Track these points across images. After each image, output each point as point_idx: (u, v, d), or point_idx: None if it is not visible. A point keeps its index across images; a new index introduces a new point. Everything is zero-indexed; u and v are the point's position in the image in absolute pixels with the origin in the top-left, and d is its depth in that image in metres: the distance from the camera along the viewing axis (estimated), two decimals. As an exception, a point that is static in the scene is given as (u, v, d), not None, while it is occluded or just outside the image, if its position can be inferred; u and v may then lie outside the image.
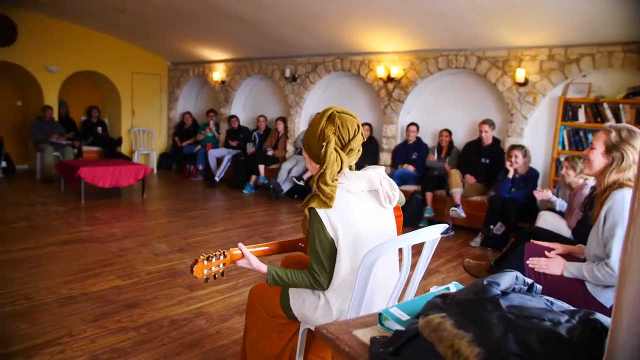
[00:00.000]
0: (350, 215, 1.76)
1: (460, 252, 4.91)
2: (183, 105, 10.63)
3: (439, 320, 1.02)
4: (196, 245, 4.64)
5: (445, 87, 6.71)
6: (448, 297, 1.23)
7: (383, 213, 1.86)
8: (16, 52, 8.22)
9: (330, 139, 1.75)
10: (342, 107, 1.84)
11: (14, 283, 3.42)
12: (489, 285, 1.18)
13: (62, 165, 6.91)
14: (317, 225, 1.74)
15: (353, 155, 1.82)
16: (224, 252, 1.89)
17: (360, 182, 1.81)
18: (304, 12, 6.12)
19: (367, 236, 1.78)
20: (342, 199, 1.77)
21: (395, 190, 1.87)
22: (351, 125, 1.78)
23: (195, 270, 1.83)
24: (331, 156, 1.74)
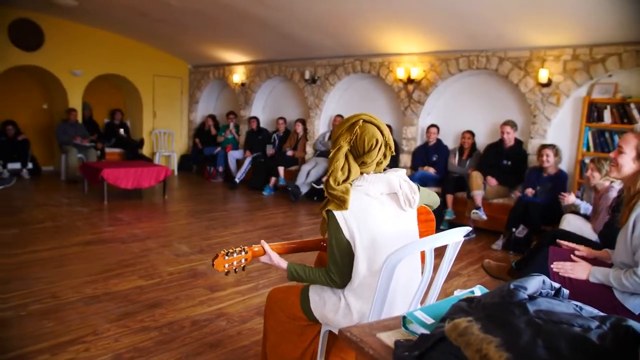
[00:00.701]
0: (367, 218, 1.76)
1: (482, 255, 4.84)
2: (203, 107, 10.74)
3: (465, 324, 1.01)
4: (216, 246, 4.67)
5: (466, 88, 6.64)
6: (473, 301, 1.21)
7: (404, 216, 1.85)
8: (43, 56, 8.41)
9: (341, 146, 1.78)
10: (373, 116, 1.82)
11: (41, 282, 3.50)
12: (515, 289, 1.16)
13: (85, 167, 7.04)
14: (334, 227, 1.77)
15: (368, 167, 1.83)
16: (244, 248, 1.97)
17: (379, 185, 1.81)
18: (324, 14, 6.12)
19: (386, 238, 1.78)
20: (360, 201, 1.77)
21: (416, 193, 1.85)
22: (369, 139, 1.77)
23: (216, 264, 1.91)
24: (337, 163, 1.77)
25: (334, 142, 1.82)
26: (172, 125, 10.57)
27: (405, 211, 1.84)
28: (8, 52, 7.99)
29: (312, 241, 2.16)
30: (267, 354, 2.09)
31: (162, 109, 10.39)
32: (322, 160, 7.56)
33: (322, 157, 7.64)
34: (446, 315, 1.18)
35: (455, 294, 1.60)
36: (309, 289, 1.96)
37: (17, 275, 3.62)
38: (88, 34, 8.89)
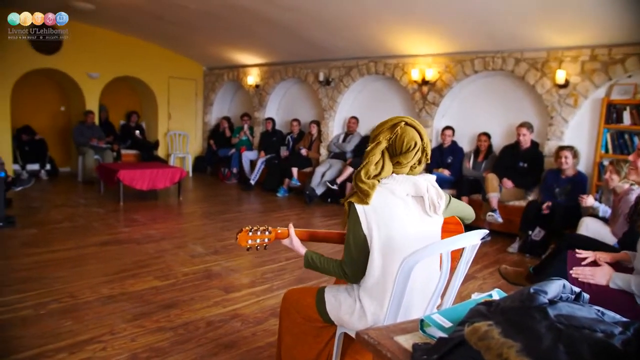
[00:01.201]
0: (387, 216, 1.76)
1: (497, 258, 4.80)
2: (218, 109, 10.81)
3: (485, 328, 1.00)
4: (231, 247, 4.69)
5: (482, 89, 6.58)
6: (492, 305, 1.20)
7: (427, 221, 1.83)
8: (61, 59, 8.54)
9: (380, 142, 1.79)
10: (416, 121, 1.84)
11: (59, 281, 3.55)
12: (535, 294, 1.14)
13: (102, 168, 7.13)
14: (353, 220, 1.79)
15: (401, 168, 1.83)
16: (268, 228, 2.05)
17: (405, 186, 1.80)
18: (338, 16, 6.12)
19: (404, 239, 1.77)
20: (384, 198, 1.78)
21: (442, 198, 1.84)
22: (408, 140, 1.79)
23: (239, 238, 2.01)
24: (372, 157, 1.79)
25: (373, 138, 1.83)
26: (186, 127, 10.65)
27: (430, 217, 1.83)
28: (28, 55, 8.13)
29: (336, 233, 2.18)
30: (281, 356, 2.09)
31: (177, 110, 10.48)
32: (336, 162, 7.56)
33: (336, 159, 7.64)
34: (465, 319, 1.17)
35: (473, 297, 1.59)
36: (325, 291, 1.97)
37: (37, 274, 3.68)
38: (105, 37, 9.00)
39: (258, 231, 2.04)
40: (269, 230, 2.06)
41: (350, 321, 1.85)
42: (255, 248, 2.05)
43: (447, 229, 2.06)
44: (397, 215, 1.77)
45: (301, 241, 2.08)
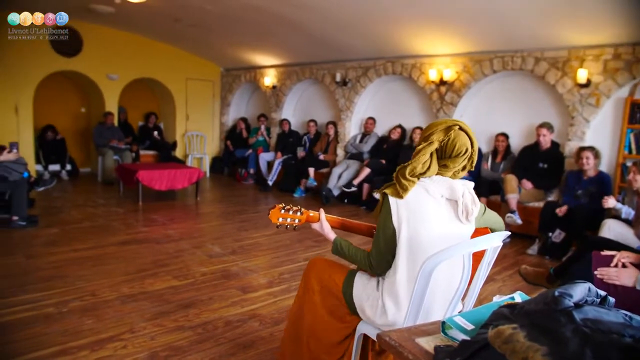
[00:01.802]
0: (418, 213, 1.77)
1: (517, 260, 4.74)
2: (235, 110, 10.88)
3: (510, 331, 0.99)
4: (248, 247, 4.71)
5: (500, 89, 6.51)
6: (516, 308, 1.18)
7: (458, 226, 1.82)
8: (81, 61, 8.68)
9: (432, 142, 1.80)
10: (468, 127, 1.86)
11: (81, 280, 3.60)
12: (560, 297, 1.12)
13: (121, 169, 7.22)
14: (385, 211, 1.80)
15: (447, 171, 1.84)
16: (300, 209, 2.10)
17: (440, 187, 1.81)
18: (355, 16, 6.12)
19: (430, 239, 1.76)
20: (417, 195, 1.78)
21: (476, 205, 1.83)
22: (459, 146, 1.80)
23: (271, 214, 2.07)
24: (422, 156, 1.79)
25: (425, 137, 1.83)
26: (204, 128, 10.74)
27: (461, 222, 1.81)
28: (50, 58, 8.29)
29: (366, 225, 2.20)
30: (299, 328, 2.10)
31: (195, 111, 10.57)
32: (353, 162, 7.55)
33: (353, 160, 7.62)
34: (488, 322, 1.16)
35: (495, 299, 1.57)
36: (357, 274, 1.97)
37: (59, 273, 3.74)
38: (124, 39, 9.13)
39: (290, 210, 2.09)
40: (301, 211, 2.10)
41: (372, 314, 1.86)
42: (285, 226, 2.09)
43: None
44: (427, 214, 1.77)
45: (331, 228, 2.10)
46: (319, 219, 2.09)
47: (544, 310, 1.09)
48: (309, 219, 2.11)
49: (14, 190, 4.98)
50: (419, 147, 1.82)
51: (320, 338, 2.03)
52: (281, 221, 2.08)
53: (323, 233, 2.08)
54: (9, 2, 7.05)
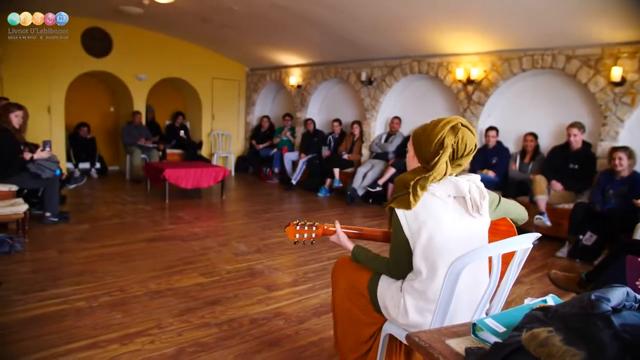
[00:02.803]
0: (429, 218, 1.76)
1: (545, 263, 4.64)
2: (260, 109, 10.95)
3: (546, 334, 0.96)
4: (273, 246, 4.73)
5: (530, 88, 6.38)
6: (549, 311, 1.15)
7: (471, 222, 1.81)
8: (111, 62, 8.88)
9: (447, 149, 1.77)
10: (467, 121, 1.85)
11: (110, 275, 3.68)
12: (597, 301, 1.09)
13: (149, 167, 7.35)
14: (396, 224, 1.81)
15: (458, 169, 1.86)
16: (315, 223, 2.12)
17: (446, 187, 1.80)
18: (381, 15, 6.08)
19: (446, 240, 1.76)
20: (425, 201, 1.78)
21: (485, 198, 1.81)
22: (469, 143, 1.80)
23: (288, 231, 2.11)
24: (441, 165, 1.78)
25: (437, 143, 1.78)
26: (229, 127, 10.84)
27: (473, 217, 1.80)
28: (81, 58, 8.50)
29: (381, 232, 2.21)
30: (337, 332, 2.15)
31: (220, 111, 10.68)
32: (378, 162, 7.51)
33: (378, 159, 7.58)
34: (521, 325, 1.14)
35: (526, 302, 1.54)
36: (382, 274, 1.97)
37: (89, 268, 3.83)
38: (152, 40, 9.29)
39: (305, 225, 2.11)
40: (315, 225, 2.12)
41: (395, 314, 1.86)
42: (302, 242, 2.12)
43: (498, 231, 2.02)
44: (437, 216, 1.76)
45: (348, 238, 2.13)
46: (335, 231, 2.11)
47: (580, 314, 1.06)
48: (325, 232, 2.14)
49: (47, 187, 5.12)
50: (436, 158, 1.77)
51: (347, 334, 2.04)
52: (298, 237, 2.11)
53: (340, 244, 2.11)
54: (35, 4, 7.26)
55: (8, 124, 4.88)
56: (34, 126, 6.53)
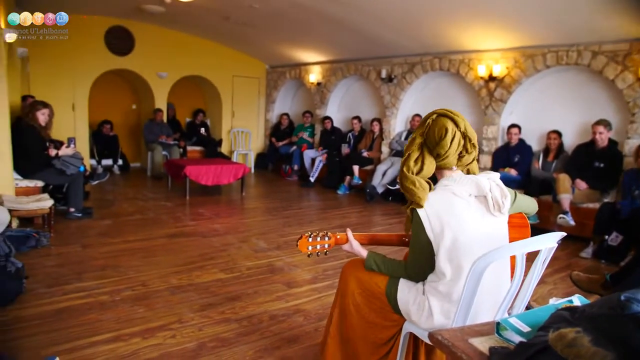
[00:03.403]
0: (452, 218, 1.74)
1: (569, 263, 4.55)
2: (280, 106, 10.98)
3: (574, 335, 0.94)
4: (293, 243, 4.74)
5: (553, 85, 6.25)
6: (576, 311, 1.13)
7: (492, 220, 1.80)
8: (133, 60, 9.00)
9: (414, 137, 1.84)
10: (451, 110, 1.83)
11: (133, 270, 3.74)
12: (628, 302, 1.06)
13: (170, 164, 7.43)
14: (417, 225, 1.79)
15: (444, 160, 1.82)
16: (327, 233, 2.09)
17: (467, 186, 1.79)
18: (401, 12, 6.03)
19: (470, 240, 1.74)
20: (445, 200, 1.77)
21: (506, 197, 1.80)
22: (439, 129, 1.79)
23: (300, 245, 2.06)
24: (411, 152, 1.83)
25: (410, 137, 1.88)
26: (249, 125, 10.90)
27: (494, 216, 1.79)
28: (104, 57, 8.64)
29: (396, 235, 2.19)
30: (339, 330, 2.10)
31: (240, 108, 10.74)
32: (397, 160, 7.46)
33: (398, 157, 7.54)
34: (547, 324, 1.12)
35: (551, 302, 1.51)
36: (401, 277, 1.94)
37: (112, 263, 3.89)
38: (173, 38, 9.38)
39: (317, 237, 2.08)
40: (327, 235, 2.09)
41: (417, 318, 1.84)
42: (316, 254, 2.10)
43: (511, 224, 2.01)
44: (460, 216, 1.75)
45: (361, 244, 2.10)
46: (347, 239, 2.09)
47: (610, 315, 1.03)
48: (337, 242, 2.11)
49: (71, 183, 5.22)
50: (405, 148, 1.87)
51: (367, 337, 2.02)
52: (311, 249, 2.08)
53: (354, 252, 2.08)
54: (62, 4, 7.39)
55: (34, 122, 4.99)
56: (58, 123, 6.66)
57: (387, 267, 1.95)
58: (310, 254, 2.09)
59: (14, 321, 2.78)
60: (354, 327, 2.05)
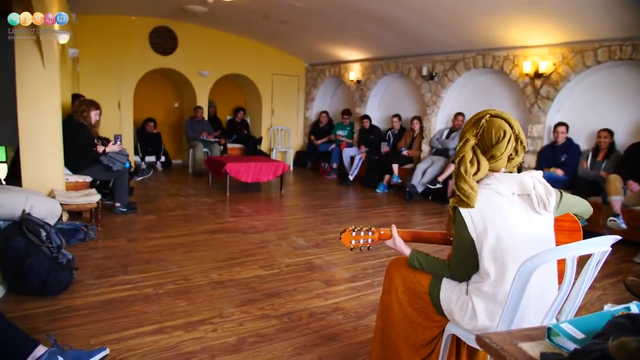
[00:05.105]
0: (495, 217, 1.70)
1: (620, 268, 4.35)
2: (319, 104, 10.99)
3: (636, 344, 0.89)
4: (332, 241, 4.74)
5: (605, 81, 5.99)
6: (637, 319, 1.07)
7: (537, 219, 1.74)
8: (176, 59, 9.22)
9: (468, 139, 1.78)
10: (501, 111, 1.80)
11: (175, 264, 3.83)
12: (693, 310, 1.00)
13: (211, 161, 7.57)
14: (459, 224, 1.76)
15: (497, 161, 1.78)
16: (371, 228, 2.09)
17: (510, 185, 1.75)
18: (444, 8, 5.92)
19: (514, 240, 1.69)
20: (488, 199, 1.73)
21: (551, 194, 1.75)
22: (496, 131, 1.75)
23: (343, 238, 2.08)
24: (466, 156, 1.76)
25: (460, 137, 1.84)
26: (288, 123, 10.97)
27: (539, 214, 1.74)
28: (149, 56, 8.89)
29: (440, 234, 2.16)
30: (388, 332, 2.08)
31: (280, 106, 10.83)
32: (438, 159, 7.34)
33: (438, 156, 7.41)
34: (604, 332, 1.07)
35: (606, 309, 1.45)
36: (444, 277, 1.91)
37: (155, 257, 4.00)
38: (214, 37, 9.54)
39: (361, 231, 2.08)
40: (372, 230, 2.09)
41: (460, 318, 1.81)
42: (359, 248, 2.10)
43: (562, 227, 1.93)
44: (504, 215, 1.71)
45: (404, 242, 2.08)
46: (391, 235, 2.08)
47: (674, 323, 0.98)
48: (381, 237, 2.10)
49: (117, 179, 5.39)
50: (457, 148, 1.80)
51: (408, 337, 1.99)
52: (354, 243, 2.08)
53: (397, 249, 2.07)
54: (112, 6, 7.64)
55: (85, 119, 5.18)
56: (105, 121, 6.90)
57: (430, 266, 1.93)
58: (353, 248, 2.09)
59: (65, 310, 2.90)
60: (396, 326, 2.03)
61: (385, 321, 2.09)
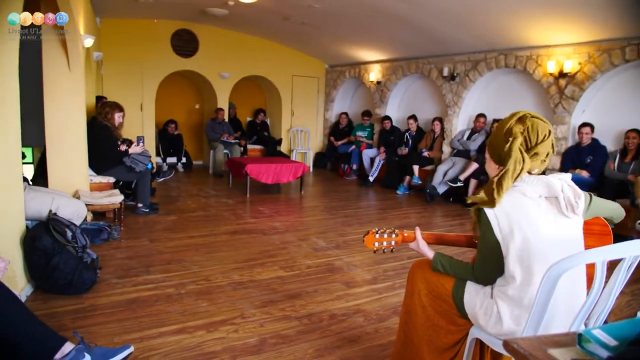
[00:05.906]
0: (522, 219, 1.66)
1: (649, 272, 4.23)
2: (339, 105, 10.98)
3: (675, 352, 0.86)
4: (352, 243, 4.72)
5: (633, 81, 5.83)
6: (673, 326, 1.03)
7: (565, 222, 1.70)
8: (197, 61, 9.33)
9: (516, 136, 1.70)
10: (535, 113, 1.77)
11: (196, 265, 3.86)
12: None
13: (231, 162, 7.62)
14: (484, 225, 1.72)
15: (537, 160, 1.74)
16: (394, 230, 2.07)
17: (537, 187, 1.70)
18: (464, 8, 5.85)
19: (541, 243, 1.65)
20: (514, 201, 1.69)
21: (580, 197, 1.70)
22: (542, 130, 1.71)
23: (366, 240, 2.07)
24: (514, 154, 1.69)
25: (505, 133, 1.73)
26: (308, 124, 10.98)
27: (568, 217, 1.69)
28: (170, 59, 9.01)
29: (464, 236, 2.13)
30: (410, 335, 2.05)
31: (300, 107, 10.85)
32: (459, 160, 7.25)
33: (459, 157, 7.33)
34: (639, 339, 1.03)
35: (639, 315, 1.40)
36: (468, 280, 1.88)
37: (177, 257, 4.03)
38: (235, 39, 9.62)
39: (385, 234, 2.07)
40: (395, 233, 2.08)
41: (484, 322, 1.77)
42: (382, 251, 2.09)
43: (591, 231, 1.88)
44: (530, 217, 1.67)
45: (428, 244, 2.06)
46: (414, 238, 2.05)
47: None
48: (404, 240, 2.08)
49: (140, 180, 5.46)
50: (506, 147, 1.70)
51: (431, 340, 1.97)
52: (377, 246, 2.07)
53: (420, 251, 2.04)
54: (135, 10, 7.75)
55: (109, 121, 5.26)
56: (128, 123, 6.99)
57: (453, 269, 1.89)
58: (376, 250, 2.08)
59: (89, 309, 2.95)
60: (418, 329, 2.00)
61: (408, 324, 2.07)
